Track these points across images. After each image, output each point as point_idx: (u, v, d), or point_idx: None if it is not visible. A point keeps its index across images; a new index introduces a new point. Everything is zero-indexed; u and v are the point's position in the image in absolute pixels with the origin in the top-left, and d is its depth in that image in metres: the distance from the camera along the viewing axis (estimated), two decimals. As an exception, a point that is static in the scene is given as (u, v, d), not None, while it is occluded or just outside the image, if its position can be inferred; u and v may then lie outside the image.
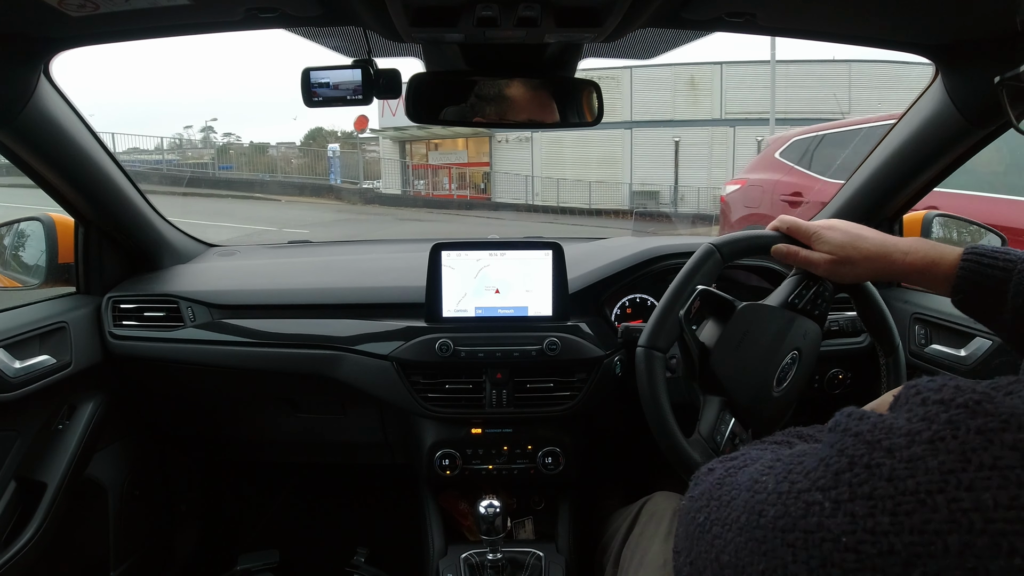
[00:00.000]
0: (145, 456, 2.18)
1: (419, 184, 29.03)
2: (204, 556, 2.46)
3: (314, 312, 1.92)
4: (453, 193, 27.71)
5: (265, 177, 25.56)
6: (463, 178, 28.87)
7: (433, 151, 31.00)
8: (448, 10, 1.18)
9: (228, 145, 30.04)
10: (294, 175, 27.11)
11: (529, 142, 27.45)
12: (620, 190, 26.38)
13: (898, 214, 1.89)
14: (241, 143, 30.11)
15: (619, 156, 26.92)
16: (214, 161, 28.55)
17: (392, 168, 30.07)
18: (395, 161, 30.04)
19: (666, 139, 25.82)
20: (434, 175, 29.12)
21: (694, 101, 25.93)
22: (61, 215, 1.89)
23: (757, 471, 0.63)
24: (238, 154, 27.34)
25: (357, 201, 24.47)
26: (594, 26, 1.24)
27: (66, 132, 1.60)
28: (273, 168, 27.17)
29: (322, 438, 2.24)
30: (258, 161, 27.45)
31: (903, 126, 1.68)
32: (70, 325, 1.79)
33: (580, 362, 1.80)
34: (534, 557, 1.77)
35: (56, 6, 1.15)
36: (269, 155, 28.52)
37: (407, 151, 30.89)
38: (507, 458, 1.86)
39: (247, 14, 1.29)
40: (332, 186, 25.56)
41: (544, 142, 27.32)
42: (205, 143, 32.64)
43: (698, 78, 25.55)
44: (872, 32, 1.43)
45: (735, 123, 25.20)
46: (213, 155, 30.00)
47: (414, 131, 27.99)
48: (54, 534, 1.71)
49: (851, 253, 1.14)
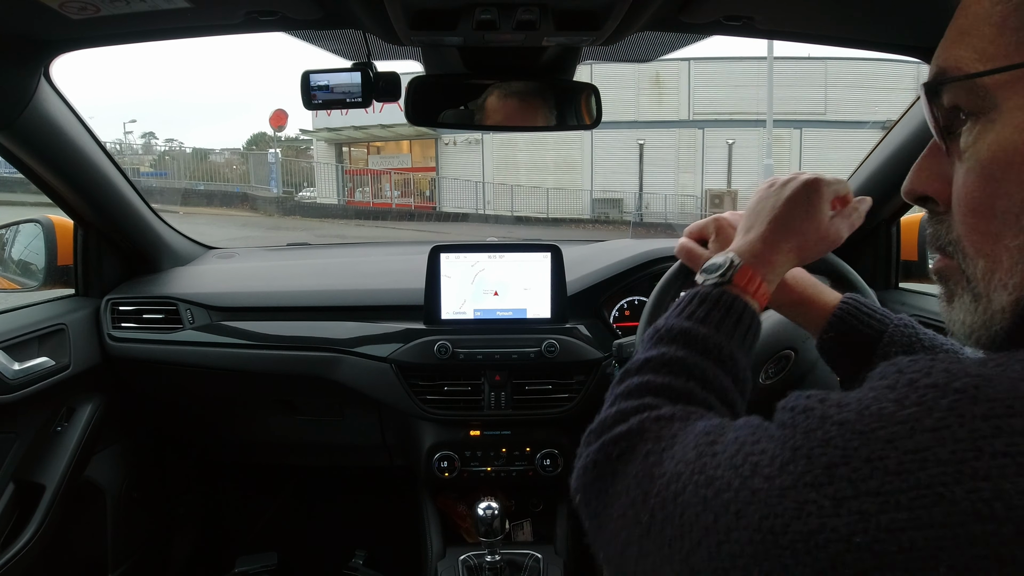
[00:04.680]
0: (143, 458, 2.18)
1: (364, 191, 26.69)
2: (202, 558, 2.46)
3: (313, 314, 1.92)
4: (392, 201, 25.25)
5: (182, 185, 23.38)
6: (407, 184, 26.40)
7: (374, 154, 28.79)
8: (447, 13, 1.19)
9: (169, 151, 29.31)
10: (235, 183, 25.63)
11: (479, 145, 25.49)
12: (580, 197, 24.69)
13: (895, 216, 1.90)
14: (183, 149, 29.29)
15: (578, 160, 25.21)
16: (154, 167, 27.32)
17: (327, 174, 27.49)
18: (331, 166, 27.62)
19: (629, 142, 24.25)
20: (375, 181, 26.76)
21: (659, 100, 24.53)
22: (61, 217, 1.89)
23: (695, 456, 0.58)
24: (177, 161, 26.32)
25: (273, 212, 22.16)
26: (593, 29, 1.24)
27: (66, 134, 1.60)
28: (213, 175, 25.89)
29: (320, 440, 2.24)
30: (198, 168, 25.68)
31: (900, 129, 1.68)
32: (69, 327, 1.79)
33: (578, 364, 1.81)
34: (532, 559, 1.77)
35: (57, 9, 1.15)
36: (211, 161, 27.18)
37: (345, 155, 29.32)
38: (505, 460, 1.87)
39: (247, 17, 1.29)
40: (247, 195, 23.56)
41: (496, 144, 25.27)
42: (146, 149, 32.12)
43: (663, 75, 24.16)
44: (868, 35, 1.43)
45: (704, 124, 24.03)
46: (153, 160, 28.94)
47: (351, 132, 26.32)
48: (52, 536, 1.71)
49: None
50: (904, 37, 1.41)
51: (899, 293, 1.92)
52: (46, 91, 1.49)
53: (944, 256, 0.63)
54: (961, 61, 0.57)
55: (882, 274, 1.94)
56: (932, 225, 0.64)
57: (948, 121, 0.59)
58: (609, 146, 24.45)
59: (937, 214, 0.63)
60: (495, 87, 1.51)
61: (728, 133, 23.24)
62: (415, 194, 26.08)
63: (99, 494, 1.97)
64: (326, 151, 28.51)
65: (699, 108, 24.04)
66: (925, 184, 0.64)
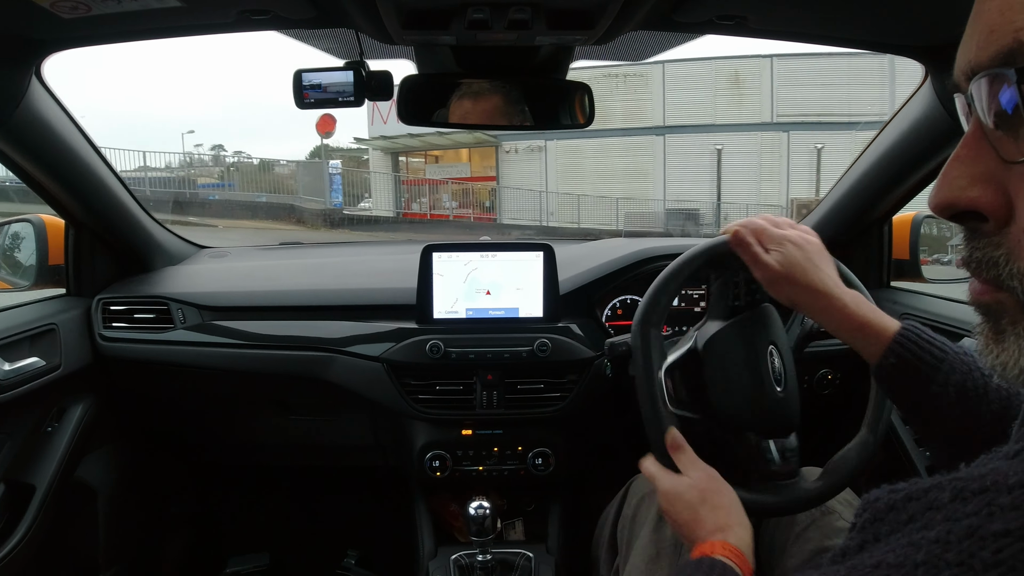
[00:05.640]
0: (135, 459, 2.18)
1: (421, 203, 24.93)
2: (194, 559, 2.45)
3: (305, 314, 1.92)
4: (450, 213, 23.59)
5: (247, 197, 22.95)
6: (466, 195, 24.57)
7: (432, 164, 27.35)
8: (440, 13, 1.19)
9: (236, 164, 28.99)
10: (298, 194, 23.84)
11: (542, 152, 24.02)
12: (651, 208, 22.69)
13: (888, 215, 1.91)
14: (251, 161, 28.91)
15: (649, 167, 23.38)
16: (221, 179, 27.06)
17: (383, 184, 26.13)
18: (387, 176, 26.31)
19: (706, 147, 22.40)
20: (432, 192, 25.28)
21: (739, 101, 22.42)
22: (52, 217, 1.89)
23: None
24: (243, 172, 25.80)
25: (320, 225, 20.92)
26: (585, 29, 1.24)
27: (57, 134, 1.60)
28: (277, 187, 24.48)
29: (313, 440, 2.24)
30: (262, 179, 24.86)
31: (892, 128, 1.69)
32: (60, 327, 1.78)
33: (571, 363, 1.81)
34: (524, 558, 1.77)
35: (48, 8, 1.15)
36: (275, 172, 26.08)
37: (402, 164, 27.73)
38: (498, 459, 1.87)
39: (239, 16, 1.29)
40: (294, 206, 22.36)
41: (559, 151, 23.82)
42: (215, 160, 31.98)
43: (743, 74, 22.17)
44: (862, 35, 1.44)
45: (789, 127, 21.75)
46: (221, 172, 28.65)
47: (408, 141, 24.84)
48: (43, 537, 1.70)
49: (797, 275, 1.08)
50: (898, 36, 1.42)
51: (891, 292, 1.93)
52: (37, 90, 1.48)
53: (995, 288, 0.51)
54: None
55: (874, 273, 1.95)
56: (978, 249, 0.51)
57: (1014, 112, 0.46)
58: (683, 152, 22.92)
59: (984, 234, 0.51)
60: (488, 86, 1.51)
61: (816, 137, 21.51)
62: (474, 205, 24.62)
63: (91, 495, 1.96)
64: (381, 160, 27.56)
65: (784, 109, 22.09)
66: (968, 193, 0.50)
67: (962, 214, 0.51)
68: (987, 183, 0.49)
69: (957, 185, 0.50)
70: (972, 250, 0.52)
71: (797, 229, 1.14)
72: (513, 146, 24.39)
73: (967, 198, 0.49)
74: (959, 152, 0.51)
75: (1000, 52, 0.46)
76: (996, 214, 0.49)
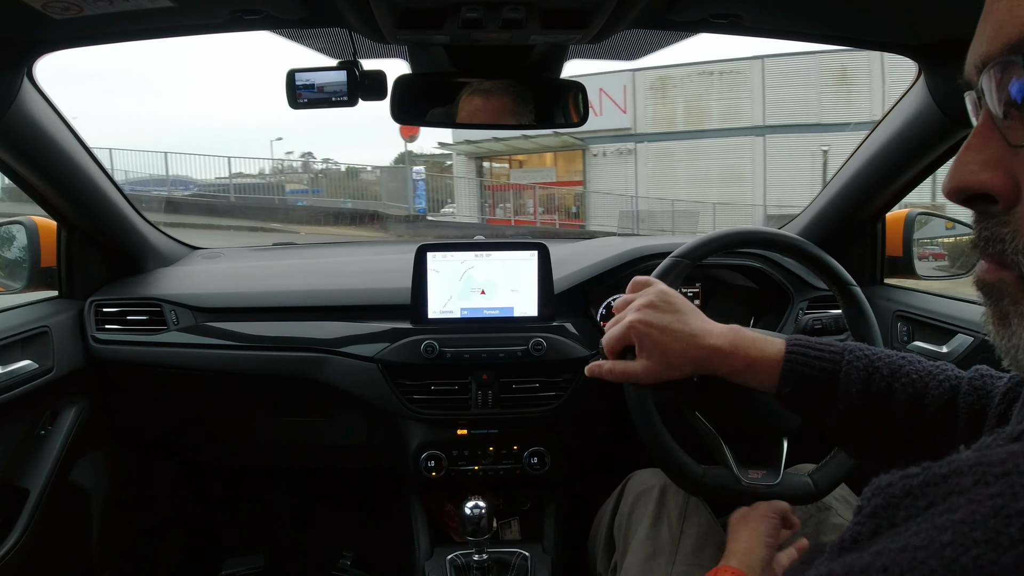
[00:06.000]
0: (129, 461, 2.17)
1: (505, 208, 23.94)
2: (189, 561, 2.45)
3: (299, 314, 1.91)
4: (536, 219, 22.68)
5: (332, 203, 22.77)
6: (551, 200, 23.82)
7: (516, 168, 26.58)
8: (433, 12, 1.19)
9: (324, 171, 28.95)
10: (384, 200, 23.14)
11: (632, 155, 22.86)
12: (751, 215, 21.51)
13: (880, 213, 1.91)
14: (338, 168, 28.83)
15: (748, 170, 22.17)
16: (310, 185, 27.00)
17: (467, 190, 25.38)
18: (471, 181, 25.57)
19: (810, 148, 20.72)
20: (517, 197, 24.28)
21: (847, 98, 20.97)
22: (44, 219, 1.88)
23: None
24: (330, 179, 25.98)
25: (403, 232, 19.77)
26: (579, 28, 1.24)
27: (49, 135, 1.59)
28: (363, 193, 24.39)
29: (307, 441, 2.23)
30: (348, 185, 25.06)
31: (886, 126, 1.70)
32: (52, 329, 1.77)
33: (566, 362, 1.81)
34: (520, 557, 1.77)
35: (40, 9, 1.14)
36: (361, 179, 26.13)
37: (486, 170, 26.98)
38: (493, 459, 1.87)
39: (231, 16, 1.29)
40: (378, 212, 21.22)
41: (651, 154, 22.54)
42: (304, 168, 32.10)
43: (851, 69, 20.84)
44: (856, 33, 1.45)
45: None
46: (310, 179, 28.52)
47: (492, 145, 24.06)
48: (37, 541, 1.69)
49: (671, 356, 1.07)
50: (891, 35, 1.42)
51: (884, 289, 1.94)
52: (29, 92, 1.47)
53: (999, 266, 0.54)
54: None
55: (867, 270, 1.96)
56: (987, 228, 0.54)
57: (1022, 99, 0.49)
58: (785, 154, 21.66)
59: (993, 215, 0.53)
60: (482, 85, 1.51)
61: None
62: (560, 211, 23.94)
63: (84, 498, 1.95)
64: (465, 165, 26.86)
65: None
66: (979, 177, 0.53)
67: (973, 197, 0.54)
68: (996, 167, 0.52)
69: (968, 170, 0.53)
70: (981, 230, 0.54)
71: (638, 298, 1.12)
72: (601, 149, 23.61)
73: (978, 181, 0.52)
74: (970, 141, 0.54)
75: (1009, 42, 0.49)
76: (1005, 196, 0.51)
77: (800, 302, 1.94)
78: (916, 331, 1.75)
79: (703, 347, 1.06)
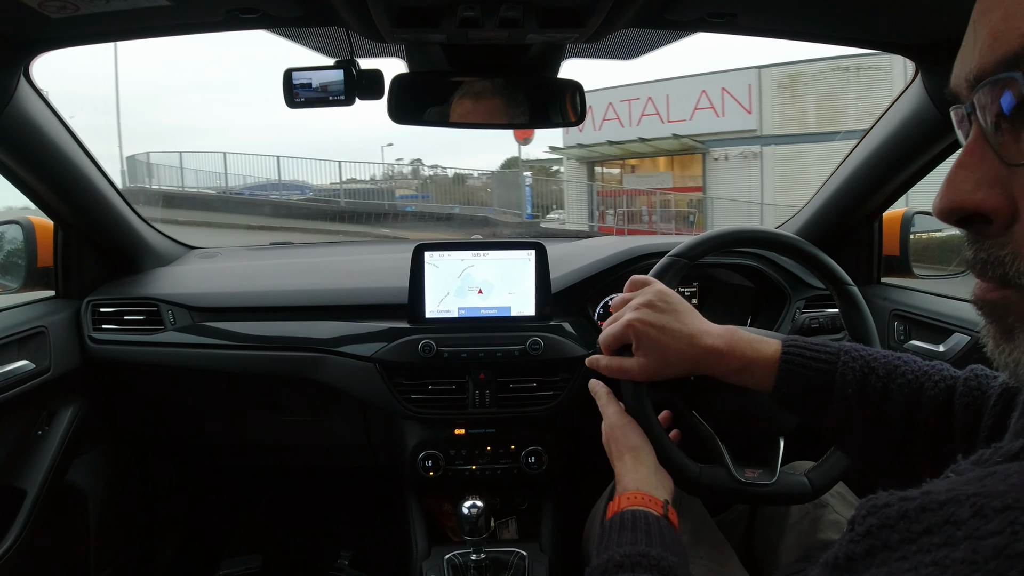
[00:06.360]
0: (126, 461, 2.17)
1: (617, 215, 22.43)
2: (186, 562, 2.44)
3: (295, 314, 1.91)
4: (656, 228, 20.95)
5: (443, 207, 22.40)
6: (667, 207, 21.99)
7: (629, 173, 24.88)
8: (430, 11, 1.19)
9: (433, 177, 28.93)
10: (488, 206, 22.98)
11: (758, 159, 20.94)
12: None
13: (878, 212, 1.91)
14: (446, 174, 28.76)
15: None
16: (419, 191, 27.03)
17: (577, 196, 23.91)
18: (581, 186, 24.06)
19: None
20: (630, 203, 22.65)
21: None
22: (41, 218, 1.87)
23: None
24: (438, 185, 25.96)
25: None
26: (576, 27, 1.25)
27: (46, 135, 1.58)
28: (469, 199, 24.08)
29: (304, 441, 2.23)
30: (456, 191, 24.82)
31: (883, 125, 1.70)
32: (49, 329, 1.77)
33: (563, 361, 1.81)
34: (517, 557, 1.77)
35: (36, 8, 1.14)
36: (468, 185, 25.93)
37: (597, 174, 25.40)
38: (490, 458, 1.87)
39: (228, 15, 1.29)
40: (487, 218, 21.13)
41: (779, 158, 20.72)
42: (414, 174, 32.22)
43: None
44: (853, 33, 1.45)
45: None
46: (419, 185, 28.76)
47: (606, 149, 22.75)
48: (34, 541, 1.69)
49: (670, 356, 1.07)
50: (889, 34, 1.42)
51: (881, 288, 1.94)
52: (26, 91, 1.47)
53: (1000, 286, 0.52)
54: None
55: (864, 269, 1.96)
56: (983, 250, 0.53)
57: (1018, 116, 0.48)
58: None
59: (988, 235, 0.52)
60: (479, 84, 1.51)
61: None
62: (676, 218, 22.10)
63: (81, 498, 1.95)
64: (577, 170, 25.40)
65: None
66: (974, 197, 0.51)
67: (967, 218, 0.52)
68: (991, 186, 0.50)
69: (963, 189, 0.51)
70: (977, 251, 0.53)
71: (636, 297, 1.12)
72: (723, 153, 22.03)
73: (973, 201, 0.51)
74: (962, 159, 0.52)
75: (1006, 56, 0.48)
76: (1001, 215, 0.50)
77: (797, 301, 1.94)
78: (913, 330, 1.75)
79: (700, 347, 1.06)
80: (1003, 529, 0.40)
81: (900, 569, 0.44)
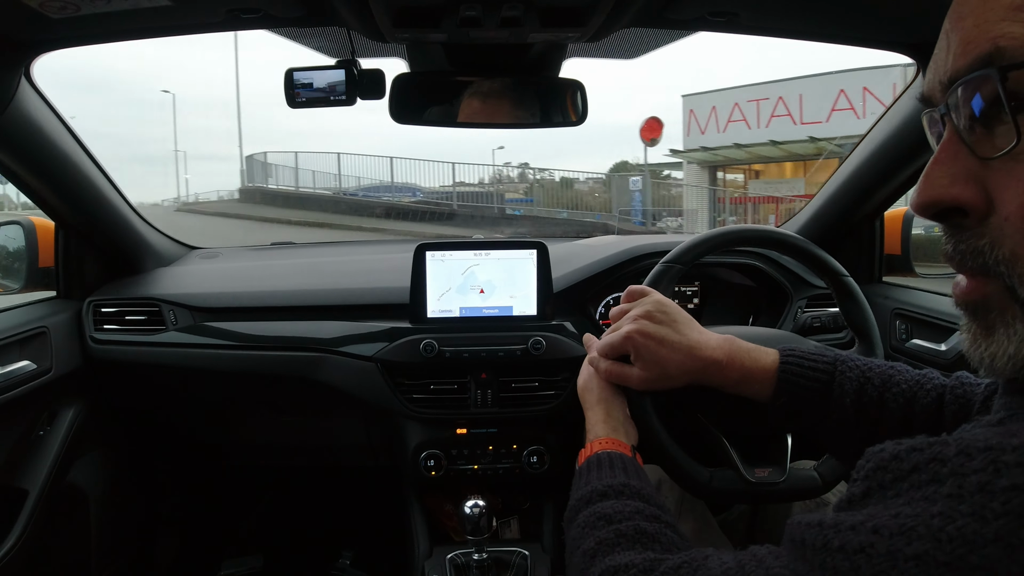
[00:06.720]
0: (127, 462, 2.17)
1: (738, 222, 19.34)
2: (187, 562, 2.44)
3: (297, 314, 1.91)
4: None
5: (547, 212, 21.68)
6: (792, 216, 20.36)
7: (753, 179, 23.78)
8: (431, 10, 1.19)
9: (539, 180, 28.70)
10: (595, 211, 22.25)
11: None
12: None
13: (879, 211, 1.91)
14: (552, 177, 28.46)
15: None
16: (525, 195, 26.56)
17: (697, 201, 22.52)
18: (702, 191, 22.80)
19: None
20: (753, 212, 21.29)
21: None
22: (42, 219, 1.87)
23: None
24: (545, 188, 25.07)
25: None
26: (578, 26, 1.24)
27: (47, 135, 1.58)
28: (577, 203, 22.96)
29: (306, 441, 2.23)
30: (563, 195, 23.53)
31: (884, 124, 1.70)
32: (50, 330, 1.77)
33: (564, 361, 1.81)
34: (520, 556, 1.77)
35: (37, 8, 1.14)
36: (575, 189, 24.77)
37: (720, 180, 24.03)
38: (492, 458, 1.86)
39: (229, 15, 1.29)
40: (595, 224, 19.97)
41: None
42: (520, 177, 32.19)
43: None
44: (854, 32, 1.44)
45: None
46: (526, 188, 28.20)
47: (731, 152, 21.59)
48: (36, 541, 1.69)
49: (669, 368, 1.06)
50: (890, 33, 1.42)
51: (883, 287, 1.94)
52: (27, 92, 1.47)
53: (980, 279, 0.55)
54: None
55: (865, 268, 1.96)
56: (962, 241, 0.55)
57: (990, 113, 0.50)
58: None
59: (965, 228, 0.54)
60: (480, 84, 1.51)
61: None
62: None
63: (82, 498, 1.95)
64: (698, 174, 24.19)
65: None
66: (950, 191, 0.53)
67: (944, 212, 0.55)
68: (967, 181, 0.53)
69: (939, 184, 0.54)
70: (956, 243, 0.55)
71: (635, 308, 1.12)
72: None
73: (949, 195, 0.53)
74: (938, 156, 0.55)
75: (979, 58, 0.50)
76: (976, 209, 0.52)
77: (799, 300, 1.94)
78: (915, 329, 1.75)
79: (700, 359, 1.05)
80: (986, 467, 0.43)
81: (894, 504, 0.47)
